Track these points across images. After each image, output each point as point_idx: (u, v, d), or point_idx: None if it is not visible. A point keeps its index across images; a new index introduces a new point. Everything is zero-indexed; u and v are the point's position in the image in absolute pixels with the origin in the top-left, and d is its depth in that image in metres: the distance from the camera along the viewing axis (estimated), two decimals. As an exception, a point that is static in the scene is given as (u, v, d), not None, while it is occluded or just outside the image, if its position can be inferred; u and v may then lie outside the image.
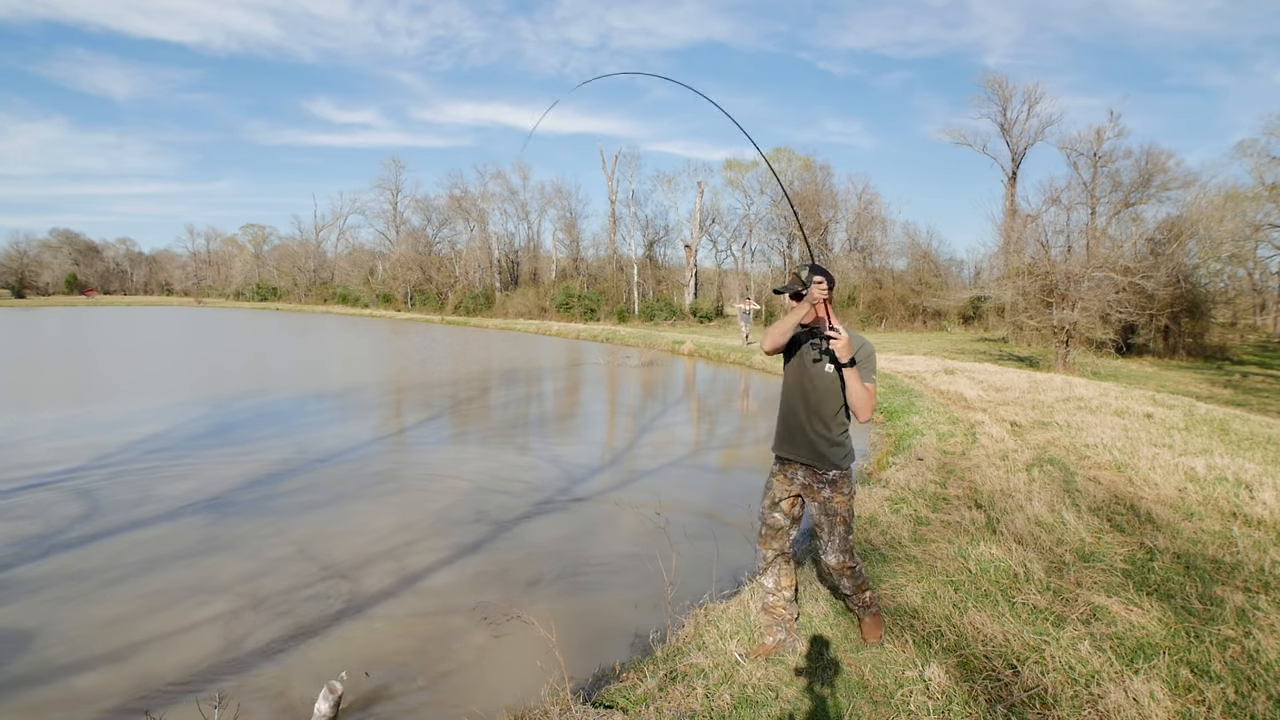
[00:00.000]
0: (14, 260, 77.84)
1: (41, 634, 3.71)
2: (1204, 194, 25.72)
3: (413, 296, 51.44)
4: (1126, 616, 3.28)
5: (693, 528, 5.44)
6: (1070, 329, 17.65)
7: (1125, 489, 5.57)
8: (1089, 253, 19.85)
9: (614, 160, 43.68)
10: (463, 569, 4.65)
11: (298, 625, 3.83)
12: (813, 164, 40.64)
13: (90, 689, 3.23)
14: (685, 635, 3.42)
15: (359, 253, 61.24)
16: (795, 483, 2.94)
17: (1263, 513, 4.87)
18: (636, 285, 42.52)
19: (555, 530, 5.44)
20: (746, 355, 19.09)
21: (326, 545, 5.02)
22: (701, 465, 7.72)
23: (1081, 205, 26.98)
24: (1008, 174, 34.42)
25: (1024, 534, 4.43)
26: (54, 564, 4.63)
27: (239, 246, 79.22)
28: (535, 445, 8.52)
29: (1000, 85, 33.38)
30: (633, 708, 2.77)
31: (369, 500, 6.10)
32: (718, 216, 43.25)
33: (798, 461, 2.90)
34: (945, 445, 7.36)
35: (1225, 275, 26.83)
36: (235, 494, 6.22)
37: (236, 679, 3.30)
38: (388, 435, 9.03)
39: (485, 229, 49.49)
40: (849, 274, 39.60)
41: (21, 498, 6.03)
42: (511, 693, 3.14)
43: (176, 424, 9.28)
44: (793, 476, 2.93)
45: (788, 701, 2.74)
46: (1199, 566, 3.91)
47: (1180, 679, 2.74)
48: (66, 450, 7.65)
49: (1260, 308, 33.99)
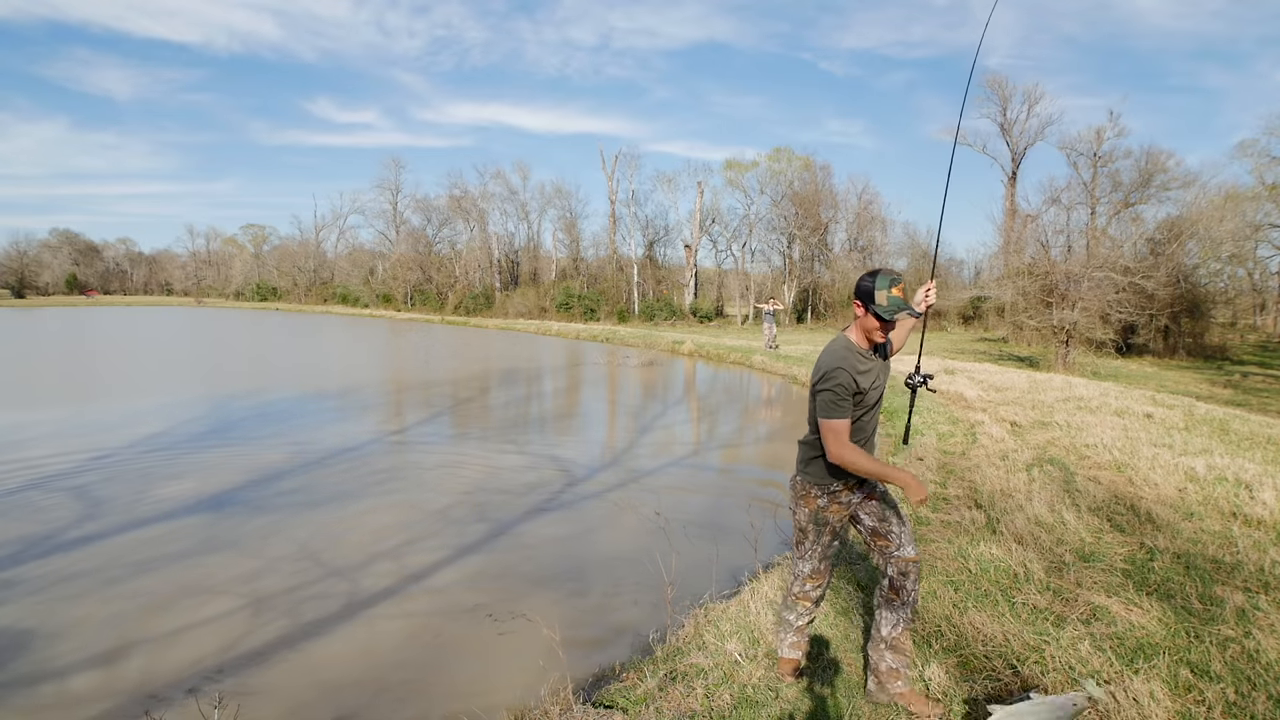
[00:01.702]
0: (14, 260, 77.85)
1: (41, 634, 3.71)
2: (1204, 194, 25.74)
3: (413, 296, 51.44)
4: (1126, 616, 3.28)
5: (693, 528, 5.44)
6: (1070, 329, 17.65)
7: (1125, 489, 5.57)
8: (1089, 253, 19.85)
9: (614, 160, 43.68)
10: (462, 569, 4.65)
11: (298, 625, 3.83)
12: (813, 164, 40.63)
13: (90, 689, 3.23)
14: (685, 635, 3.42)
15: (359, 253, 61.23)
16: (848, 506, 2.71)
17: (1263, 513, 4.87)
18: (636, 285, 42.51)
19: (555, 530, 5.44)
20: (746, 355, 19.08)
21: (326, 545, 5.02)
22: (702, 465, 7.72)
23: (1081, 205, 27.00)
24: (1008, 174, 34.42)
25: (1024, 534, 4.43)
26: (54, 564, 4.62)
27: (239, 246, 79.23)
28: (535, 445, 8.52)
29: (1000, 85, 33.38)
30: (633, 708, 2.77)
31: (369, 500, 6.10)
32: (718, 216, 43.25)
33: (853, 483, 2.67)
34: (945, 445, 7.36)
35: (1225, 275, 26.85)
36: (235, 493, 6.22)
37: (236, 679, 3.30)
38: (388, 435, 9.03)
39: (485, 229, 49.49)
40: (849, 274, 39.59)
41: (21, 497, 6.03)
42: (512, 692, 3.14)
43: (176, 423, 9.28)
44: (847, 501, 2.69)
45: (788, 701, 2.74)
46: (1199, 566, 3.91)
47: (1180, 679, 2.74)
48: (66, 450, 7.65)
49: (1260, 308, 33.98)
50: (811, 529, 2.73)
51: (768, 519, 5.49)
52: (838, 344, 2.57)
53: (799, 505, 2.76)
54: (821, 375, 2.52)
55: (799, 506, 2.76)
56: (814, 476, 2.67)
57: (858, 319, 2.56)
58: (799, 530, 2.79)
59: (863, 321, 2.54)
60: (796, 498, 2.77)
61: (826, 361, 2.54)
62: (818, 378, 2.54)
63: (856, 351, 2.55)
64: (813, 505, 2.70)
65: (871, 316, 2.49)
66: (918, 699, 2.65)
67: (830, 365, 2.51)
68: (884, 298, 2.44)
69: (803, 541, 2.79)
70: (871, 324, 2.51)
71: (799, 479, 2.76)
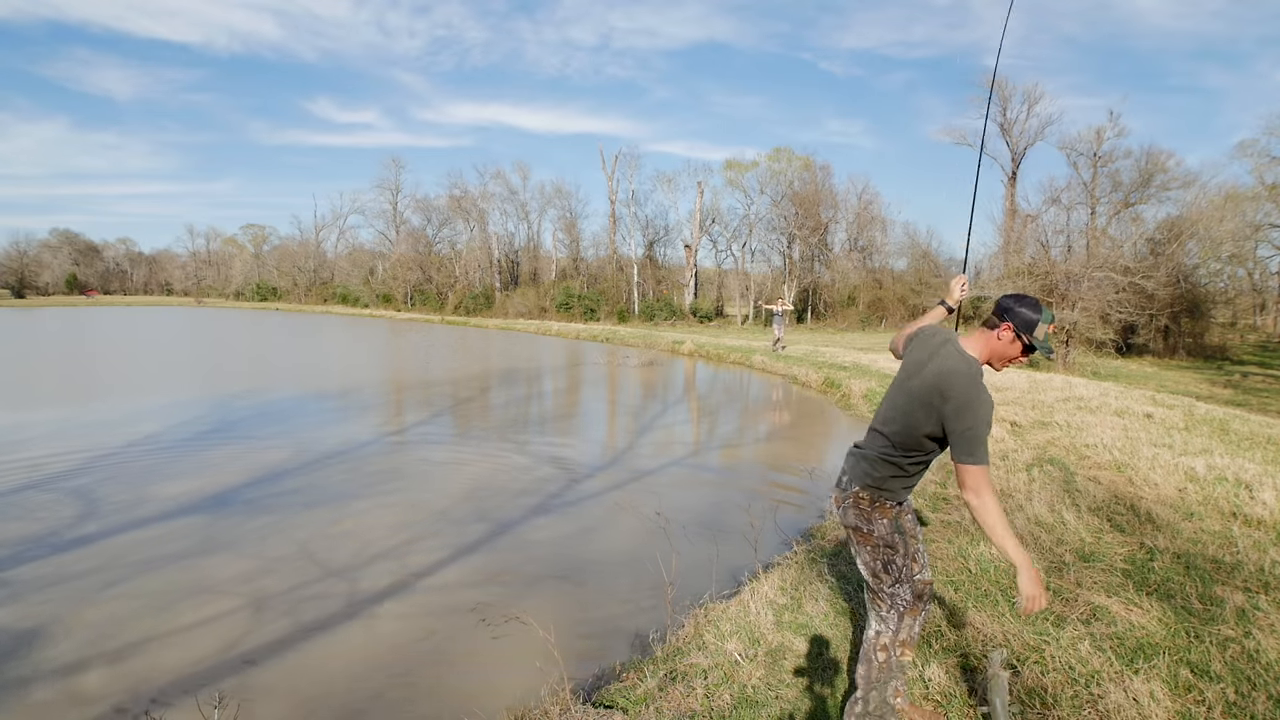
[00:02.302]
0: (14, 260, 77.87)
1: (41, 634, 3.71)
2: (1204, 194, 25.76)
3: (413, 296, 51.45)
4: (1126, 616, 3.28)
5: (693, 528, 5.44)
6: (1070, 329, 17.66)
7: (1125, 489, 5.57)
8: (1089, 253, 19.86)
9: (614, 160, 43.72)
10: (463, 569, 4.65)
11: (298, 625, 3.83)
12: (813, 164, 40.67)
13: (90, 689, 3.23)
14: (685, 635, 3.42)
15: (359, 253, 61.27)
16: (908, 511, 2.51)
17: (1263, 513, 4.87)
18: (636, 285, 42.54)
19: (555, 530, 5.44)
20: (746, 355, 19.08)
21: (326, 545, 5.02)
22: (702, 465, 7.72)
23: (1081, 205, 27.00)
24: (1008, 174, 34.42)
25: (1024, 534, 4.43)
26: (54, 564, 4.62)
27: (239, 246, 79.25)
28: (535, 445, 8.52)
29: (1000, 85, 33.36)
30: (633, 708, 2.77)
31: (369, 500, 6.10)
32: (718, 216, 43.29)
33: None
34: (945, 445, 7.35)
35: (1225, 275, 26.89)
36: (235, 493, 6.22)
37: (236, 679, 3.30)
38: (388, 435, 9.03)
39: (485, 229, 49.51)
40: (849, 274, 39.62)
41: (22, 497, 6.03)
42: (511, 693, 3.13)
43: (176, 423, 9.28)
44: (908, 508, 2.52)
45: (788, 701, 2.74)
46: (1199, 566, 3.91)
47: (1180, 679, 2.74)
48: (66, 449, 7.65)
49: (1260, 308, 34.00)
50: (899, 540, 2.37)
51: (768, 519, 5.48)
52: (973, 368, 2.22)
53: (875, 519, 2.35)
54: (967, 405, 2.15)
55: (875, 520, 2.35)
56: (890, 494, 2.35)
57: (996, 340, 2.27)
58: (885, 548, 2.34)
59: (1003, 347, 2.27)
60: (868, 512, 2.36)
61: (970, 391, 2.16)
62: (960, 406, 2.15)
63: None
64: (889, 514, 2.36)
65: (1019, 345, 2.26)
66: (920, 712, 2.62)
67: (978, 396, 2.15)
68: (1043, 333, 2.25)
69: (893, 560, 2.34)
70: (1013, 352, 2.28)
71: (867, 493, 2.36)
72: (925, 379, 2.25)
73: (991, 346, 2.30)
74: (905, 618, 2.35)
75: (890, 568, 2.34)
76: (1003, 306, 2.27)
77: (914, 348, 2.42)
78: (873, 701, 2.36)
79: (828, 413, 11.29)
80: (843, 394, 12.45)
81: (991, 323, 2.30)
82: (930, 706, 2.64)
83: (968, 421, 2.15)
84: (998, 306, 2.30)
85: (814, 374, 14.62)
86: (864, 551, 2.37)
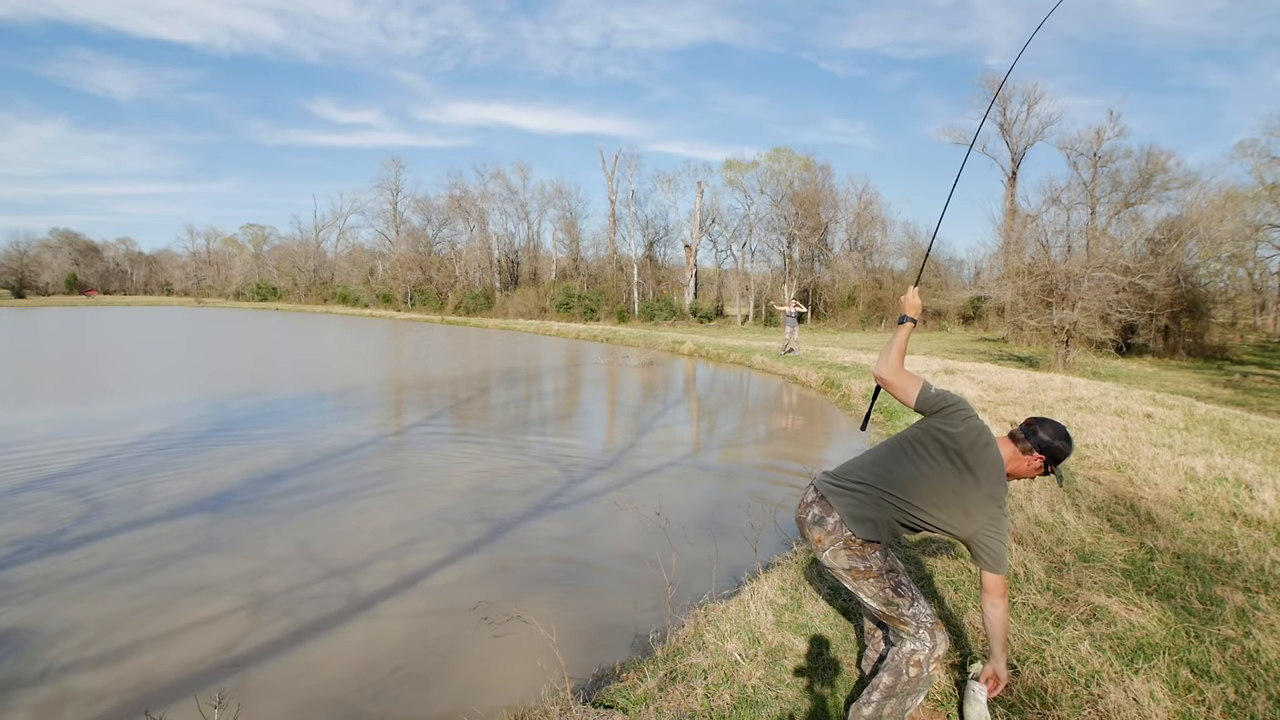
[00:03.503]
0: (14, 260, 77.89)
1: (41, 634, 3.71)
2: (1204, 194, 25.79)
3: (413, 296, 51.45)
4: (1126, 616, 3.28)
5: (693, 528, 5.44)
6: (1070, 329, 17.66)
7: (1125, 489, 5.57)
8: (1089, 253, 19.86)
9: (614, 160, 43.73)
10: (462, 568, 4.65)
11: (298, 625, 3.83)
12: (813, 164, 40.68)
13: (90, 689, 3.23)
14: (685, 635, 3.42)
15: (359, 253, 61.29)
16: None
17: (1263, 513, 4.87)
18: (636, 285, 42.55)
19: (555, 530, 5.44)
20: (746, 355, 19.08)
21: (326, 545, 5.02)
22: (702, 465, 7.72)
23: (1081, 205, 27.03)
24: (1008, 174, 34.44)
25: (1024, 534, 4.43)
26: (54, 563, 4.62)
27: (239, 246, 79.26)
28: (535, 445, 8.52)
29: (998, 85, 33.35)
30: (633, 708, 2.77)
31: (369, 499, 6.10)
32: (718, 216, 43.30)
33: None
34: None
35: (1225, 275, 26.87)
36: (235, 493, 6.22)
37: (236, 679, 3.30)
38: (388, 434, 9.03)
39: (485, 229, 49.51)
40: (849, 274, 39.62)
41: (21, 497, 6.03)
42: (511, 693, 3.13)
43: (176, 423, 9.28)
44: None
45: (788, 701, 2.73)
46: (1199, 566, 3.91)
47: (1180, 679, 2.74)
48: (66, 449, 7.65)
49: (1260, 308, 33.99)
50: (895, 561, 2.41)
51: (768, 519, 5.48)
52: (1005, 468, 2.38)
53: (868, 554, 2.32)
54: (999, 521, 2.31)
55: (869, 555, 2.32)
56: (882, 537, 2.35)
57: (1027, 465, 2.40)
58: (888, 574, 2.33)
59: (1024, 464, 2.40)
60: (860, 551, 2.32)
61: (1001, 487, 2.33)
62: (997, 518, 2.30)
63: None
64: (880, 547, 2.36)
65: (1039, 469, 2.41)
66: (919, 712, 2.61)
67: (1004, 497, 2.31)
68: (1064, 468, 2.41)
69: (900, 581, 2.34)
70: (1031, 472, 2.42)
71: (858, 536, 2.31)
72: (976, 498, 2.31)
73: (1018, 465, 2.42)
74: (936, 633, 2.31)
75: (901, 589, 2.32)
76: (1043, 441, 2.37)
77: (956, 422, 2.40)
78: (888, 708, 2.32)
79: (828, 413, 11.29)
80: (843, 394, 12.45)
81: (1025, 447, 2.40)
82: (930, 706, 2.64)
83: (999, 535, 2.30)
84: (1037, 437, 2.39)
85: (814, 374, 14.63)
86: (866, 586, 2.33)
